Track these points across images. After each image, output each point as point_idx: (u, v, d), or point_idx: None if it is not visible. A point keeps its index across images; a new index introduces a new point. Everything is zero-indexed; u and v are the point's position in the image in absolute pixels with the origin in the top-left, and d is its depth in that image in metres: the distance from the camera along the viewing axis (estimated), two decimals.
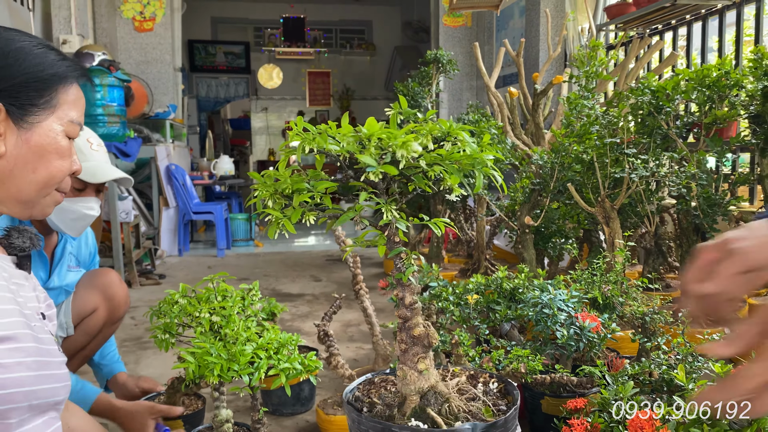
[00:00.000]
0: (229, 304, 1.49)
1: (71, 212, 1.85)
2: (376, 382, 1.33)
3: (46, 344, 0.97)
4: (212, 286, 1.57)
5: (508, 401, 1.27)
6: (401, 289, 1.17)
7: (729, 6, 3.88)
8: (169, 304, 1.50)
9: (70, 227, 1.88)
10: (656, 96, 2.77)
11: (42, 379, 0.93)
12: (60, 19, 5.53)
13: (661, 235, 3.42)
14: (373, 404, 1.20)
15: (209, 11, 12.58)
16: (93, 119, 4.08)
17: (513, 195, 3.36)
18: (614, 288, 2.09)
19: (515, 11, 6.71)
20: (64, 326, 1.98)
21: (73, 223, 1.87)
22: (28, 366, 0.90)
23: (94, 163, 1.88)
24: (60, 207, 1.78)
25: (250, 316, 1.56)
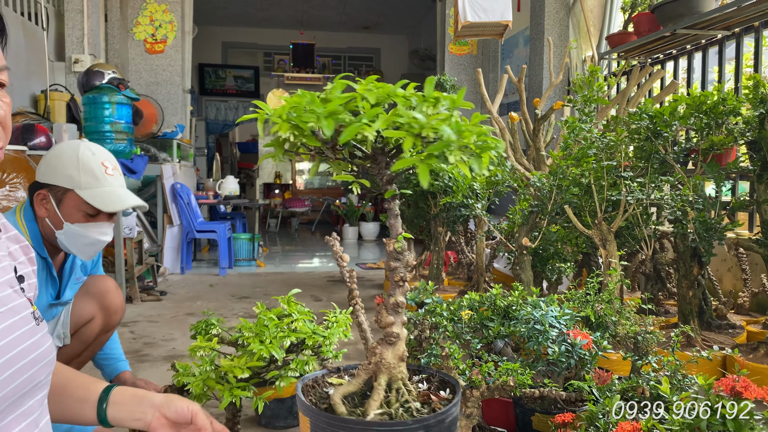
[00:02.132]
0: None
1: (84, 237, 1.82)
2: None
3: (18, 314, 0.88)
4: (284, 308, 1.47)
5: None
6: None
7: (729, 36, 3.94)
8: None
9: (83, 251, 1.86)
10: (654, 121, 2.81)
11: (11, 361, 0.83)
12: (73, 39, 5.66)
13: (660, 260, 3.43)
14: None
15: (220, 36, 12.81)
16: (101, 135, 4.15)
17: (512, 217, 3.38)
18: (607, 307, 2.10)
19: (520, 40, 6.81)
20: (61, 336, 1.99)
21: (85, 248, 1.85)
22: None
23: (109, 189, 1.82)
24: (73, 232, 1.79)
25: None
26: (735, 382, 1.23)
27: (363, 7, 11.14)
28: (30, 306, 0.93)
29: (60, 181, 1.78)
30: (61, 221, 1.79)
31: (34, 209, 1.82)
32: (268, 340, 1.28)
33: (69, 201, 1.78)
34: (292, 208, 11.13)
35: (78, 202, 1.78)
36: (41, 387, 0.93)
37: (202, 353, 1.30)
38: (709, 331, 2.97)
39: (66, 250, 1.85)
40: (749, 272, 3.43)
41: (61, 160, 1.79)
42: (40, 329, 0.93)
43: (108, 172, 1.83)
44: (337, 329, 1.35)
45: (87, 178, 1.78)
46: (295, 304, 1.37)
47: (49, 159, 1.82)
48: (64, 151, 1.82)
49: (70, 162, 1.79)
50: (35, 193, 1.80)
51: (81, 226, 1.80)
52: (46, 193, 1.79)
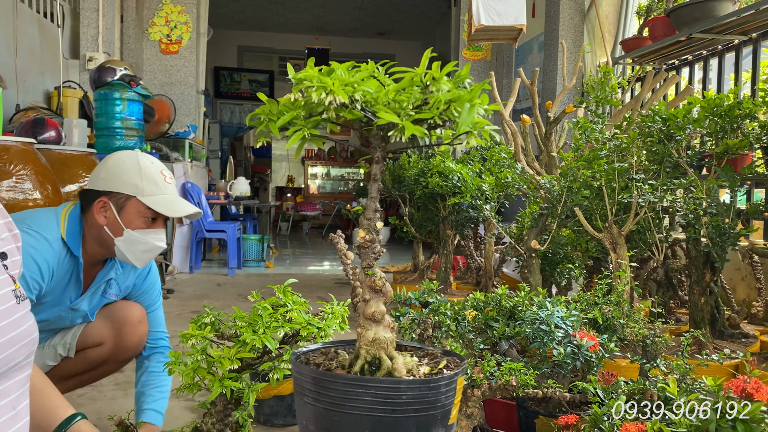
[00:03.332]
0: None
1: (143, 244, 1.83)
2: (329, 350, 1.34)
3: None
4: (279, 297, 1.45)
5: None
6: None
7: (746, 42, 3.88)
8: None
9: (138, 258, 1.86)
10: (667, 124, 2.75)
11: None
12: (88, 37, 5.69)
13: (672, 266, 3.36)
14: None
15: (236, 40, 12.87)
16: (111, 132, 4.15)
17: (521, 220, 3.34)
18: (615, 309, 2.05)
19: (534, 46, 6.77)
20: (67, 347, 1.95)
21: (143, 254, 1.85)
22: None
23: (169, 197, 1.86)
24: (132, 238, 1.81)
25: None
26: (746, 383, 1.18)
27: (378, 13, 11.15)
28: (12, 283, 0.90)
29: (122, 188, 1.81)
30: (122, 228, 1.81)
31: (87, 216, 1.84)
32: (261, 330, 1.25)
33: (130, 208, 1.81)
34: (304, 212, 11.13)
35: (140, 209, 1.81)
36: (21, 368, 0.89)
37: (194, 342, 1.27)
38: (722, 340, 2.90)
39: (122, 257, 1.86)
40: (763, 281, 3.35)
41: (124, 168, 1.82)
42: (22, 308, 0.90)
43: (167, 180, 1.88)
44: (333, 321, 1.31)
45: (149, 185, 1.82)
46: (291, 294, 1.34)
47: (110, 167, 1.84)
48: (125, 160, 1.85)
49: (133, 170, 1.82)
50: (96, 200, 1.81)
51: (140, 232, 1.82)
52: (107, 200, 1.81)
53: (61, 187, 3.16)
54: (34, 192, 2.86)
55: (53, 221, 1.79)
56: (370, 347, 1.13)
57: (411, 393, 1.10)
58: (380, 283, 1.02)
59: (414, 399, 1.11)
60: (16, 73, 4.67)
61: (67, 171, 3.33)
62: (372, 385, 1.12)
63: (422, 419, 1.12)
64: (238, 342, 1.28)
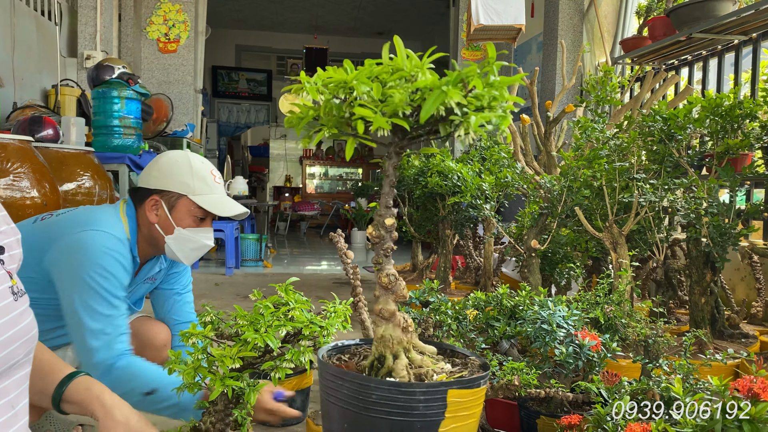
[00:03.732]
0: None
1: (193, 242, 1.87)
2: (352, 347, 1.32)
3: None
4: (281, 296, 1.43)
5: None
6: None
7: (745, 42, 3.88)
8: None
9: (187, 256, 1.90)
10: (668, 123, 2.75)
11: None
12: (85, 35, 5.67)
13: (672, 267, 3.35)
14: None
15: (234, 39, 12.85)
16: (109, 130, 4.14)
17: (521, 220, 3.33)
18: (617, 309, 2.04)
19: (533, 46, 6.76)
20: (77, 362, 1.93)
21: (191, 252, 1.89)
22: None
23: (219, 196, 1.90)
24: (183, 237, 1.84)
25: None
26: (752, 383, 1.17)
27: (377, 13, 11.14)
28: (8, 279, 0.88)
29: (174, 187, 1.84)
30: (173, 226, 1.84)
31: (138, 214, 1.86)
32: (263, 328, 1.23)
33: (181, 206, 1.84)
34: (302, 212, 11.11)
35: (191, 208, 1.85)
36: (20, 366, 0.87)
37: (194, 340, 1.26)
38: (722, 340, 2.90)
39: (171, 255, 1.89)
40: (763, 281, 3.35)
41: (176, 167, 1.85)
42: (20, 304, 0.87)
43: (216, 180, 1.91)
44: (336, 319, 1.30)
45: (200, 184, 1.85)
46: (293, 292, 1.33)
47: (162, 166, 1.87)
48: (177, 159, 1.88)
49: (185, 169, 1.85)
50: (147, 198, 1.84)
51: (191, 230, 1.86)
52: (159, 199, 1.84)
53: (59, 185, 3.14)
54: (32, 190, 2.85)
55: (117, 221, 1.81)
56: (378, 345, 1.12)
57: (380, 393, 1.09)
58: (386, 280, 1.01)
59: (384, 401, 1.09)
60: (14, 70, 4.65)
61: (65, 169, 3.32)
62: (347, 379, 1.14)
63: (397, 424, 1.10)
64: (239, 341, 1.26)
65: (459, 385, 1.10)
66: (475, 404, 1.15)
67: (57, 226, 1.77)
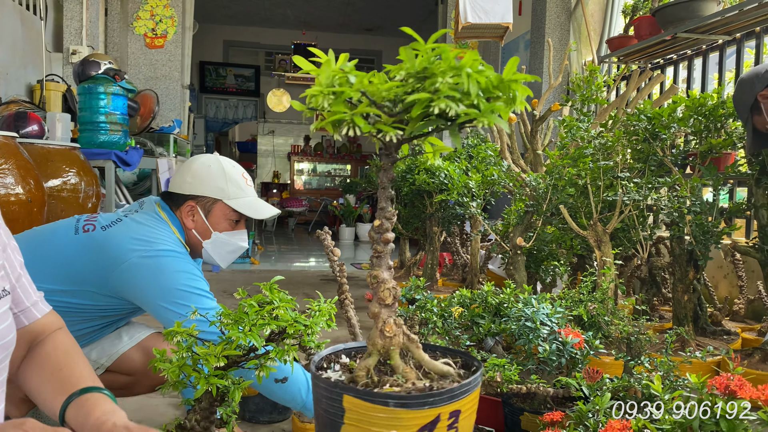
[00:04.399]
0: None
1: (229, 245, 1.90)
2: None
3: None
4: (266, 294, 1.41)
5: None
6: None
7: (729, 42, 3.92)
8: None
9: (224, 259, 1.93)
10: (652, 123, 2.78)
11: None
12: (71, 30, 5.62)
13: (656, 264, 3.39)
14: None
15: (222, 34, 12.79)
16: (95, 126, 4.11)
17: (507, 218, 3.35)
18: (600, 307, 2.06)
19: (520, 44, 6.79)
20: (101, 362, 1.91)
21: (228, 255, 1.92)
22: None
23: (252, 199, 1.92)
24: (220, 240, 1.87)
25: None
26: (729, 380, 1.19)
27: (365, 9, 11.13)
28: None
29: (210, 192, 1.86)
30: (210, 230, 1.87)
31: (180, 220, 1.88)
32: (247, 327, 1.24)
33: (217, 211, 1.87)
34: (290, 208, 11.08)
35: (226, 212, 1.87)
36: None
37: (179, 339, 1.26)
38: (704, 337, 2.93)
39: (208, 259, 1.93)
40: (745, 279, 3.39)
41: (210, 172, 1.87)
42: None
43: (248, 183, 1.94)
44: (320, 318, 1.30)
45: (234, 188, 1.88)
46: (277, 291, 1.33)
47: (195, 171, 1.88)
48: (210, 164, 1.90)
49: (218, 174, 1.88)
50: (183, 204, 1.86)
51: (227, 234, 1.89)
52: (194, 204, 1.86)
53: (45, 181, 3.12)
54: (17, 186, 2.82)
55: (172, 234, 1.81)
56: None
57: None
58: (370, 280, 1.00)
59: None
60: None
61: (50, 165, 3.29)
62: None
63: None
64: (224, 339, 1.27)
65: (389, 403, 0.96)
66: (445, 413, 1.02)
67: (112, 243, 1.72)
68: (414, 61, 0.89)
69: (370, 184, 6.68)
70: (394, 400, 0.95)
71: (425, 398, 0.96)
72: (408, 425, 0.96)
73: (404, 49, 0.91)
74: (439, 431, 0.97)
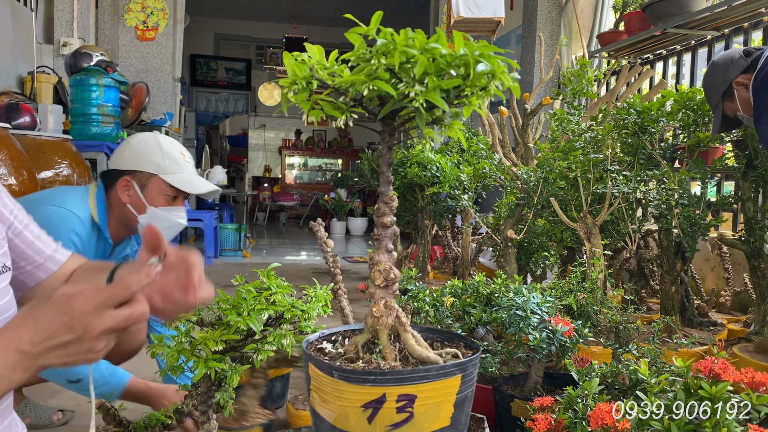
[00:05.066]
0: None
1: (165, 221, 1.90)
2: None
3: None
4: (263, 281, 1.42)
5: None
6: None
7: (718, 37, 3.97)
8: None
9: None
10: (641, 117, 2.81)
11: None
12: (62, 22, 5.59)
13: (644, 256, 3.44)
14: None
15: (213, 27, 12.74)
16: (87, 118, 4.10)
17: (498, 210, 3.38)
18: (589, 296, 2.10)
19: (512, 39, 6.82)
20: None
21: (165, 231, 1.89)
22: None
23: (189, 175, 1.94)
24: (155, 215, 1.87)
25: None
26: (713, 364, 1.23)
27: (357, 3, 11.12)
28: None
29: (146, 167, 1.88)
30: (145, 205, 1.88)
31: (110, 196, 1.89)
32: (245, 312, 1.26)
33: (153, 186, 1.88)
34: (281, 202, 11.09)
35: (162, 187, 1.89)
36: None
37: (177, 324, 1.29)
38: (691, 328, 2.98)
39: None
40: (732, 271, 3.45)
41: (146, 147, 1.90)
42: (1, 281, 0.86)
43: (186, 159, 1.96)
44: (316, 304, 1.33)
45: (171, 164, 1.89)
46: (274, 277, 1.36)
47: (133, 147, 1.91)
48: (147, 140, 1.92)
49: (156, 149, 1.90)
50: (119, 179, 1.88)
51: (163, 209, 1.90)
52: (130, 179, 1.88)
53: (37, 173, 3.12)
54: (9, 178, 2.83)
55: (84, 201, 1.85)
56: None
57: None
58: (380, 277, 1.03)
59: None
60: None
61: (43, 157, 3.29)
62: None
63: None
64: (222, 324, 1.29)
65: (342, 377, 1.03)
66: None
67: (26, 202, 1.79)
68: (363, 47, 0.91)
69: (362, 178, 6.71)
70: (338, 372, 1.02)
71: (366, 375, 1.00)
72: (351, 399, 1.01)
73: (349, 34, 0.94)
74: (386, 411, 1.00)
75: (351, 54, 0.89)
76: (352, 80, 0.86)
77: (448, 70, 0.83)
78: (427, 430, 1.01)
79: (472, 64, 0.82)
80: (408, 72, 0.82)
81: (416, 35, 0.83)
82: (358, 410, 1.00)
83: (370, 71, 0.83)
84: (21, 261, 1.02)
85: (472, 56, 0.81)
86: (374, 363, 1.05)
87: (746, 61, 2.32)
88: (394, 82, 0.83)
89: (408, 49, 0.81)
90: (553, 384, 2.00)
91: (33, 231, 1.06)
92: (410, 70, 0.82)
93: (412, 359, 1.07)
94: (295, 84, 0.93)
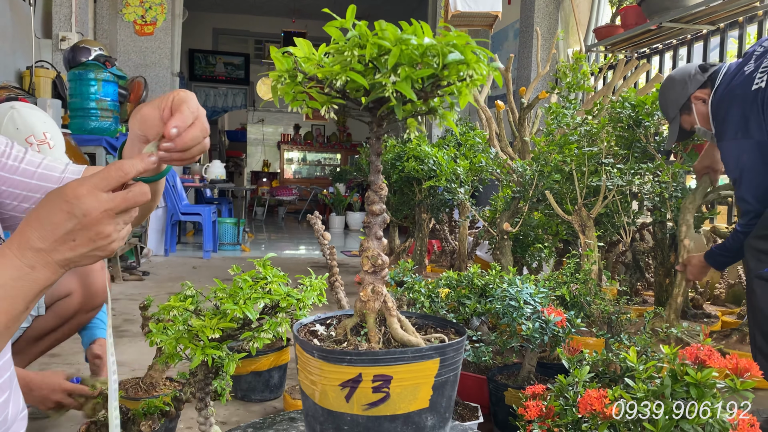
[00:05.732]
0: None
1: None
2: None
3: None
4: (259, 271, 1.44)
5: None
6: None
7: (713, 32, 3.99)
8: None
9: None
10: (636, 110, 2.84)
11: None
12: (60, 17, 5.60)
13: (639, 249, 3.47)
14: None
15: (211, 22, 12.72)
16: (86, 113, 4.12)
17: (494, 204, 3.41)
18: (582, 287, 2.13)
19: (510, 33, 6.83)
20: (36, 305, 1.97)
21: None
22: None
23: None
24: None
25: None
26: (699, 351, 1.26)
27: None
28: None
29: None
30: None
31: None
32: (242, 301, 1.29)
33: None
34: (280, 197, 11.10)
35: None
36: None
37: (175, 313, 1.31)
38: (685, 320, 3.02)
39: None
40: None
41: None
42: None
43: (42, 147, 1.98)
44: (312, 293, 1.36)
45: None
46: (270, 267, 1.38)
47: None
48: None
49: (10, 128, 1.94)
50: None
51: None
52: None
53: None
54: None
55: None
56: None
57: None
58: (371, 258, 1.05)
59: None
60: None
61: None
62: None
63: None
64: (219, 313, 1.32)
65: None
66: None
67: None
68: (342, 39, 0.94)
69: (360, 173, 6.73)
70: (318, 352, 1.07)
71: (344, 355, 1.05)
72: (330, 377, 1.06)
73: (327, 27, 0.97)
74: (363, 390, 1.04)
75: (331, 47, 0.92)
76: (328, 72, 0.89)
77: (421, 60, 0.86)
78: (404, 410, 1.04)
79: (441, 54, 0.85)
80: (384, 63, 0.85)
81: (388, 27, 0.86)
82: (336, 389, 1.04)
83: (344, 63, 0.87)
84: (36, 194, 1.06)
85: (441, 46, 0.84)
86: (358, 345, 1.09)
87: (703, 76, 2.39)
88: (374, 72, 0.87)
89: (380, 41, 0.84)
90: (546, 374, 2.03)
91: (33, 161, 1.08)
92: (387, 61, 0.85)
93: (394, 342, 1.10)
94: (281, 77, 0.96)
